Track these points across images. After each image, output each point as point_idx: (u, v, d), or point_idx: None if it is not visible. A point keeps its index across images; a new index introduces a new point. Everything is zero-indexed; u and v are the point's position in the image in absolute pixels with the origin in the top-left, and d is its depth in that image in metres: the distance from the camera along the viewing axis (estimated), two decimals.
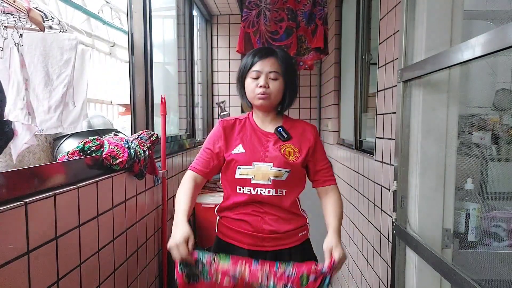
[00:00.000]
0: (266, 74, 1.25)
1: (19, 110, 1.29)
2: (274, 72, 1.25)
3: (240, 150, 1.28)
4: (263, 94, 1.24)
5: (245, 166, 1.26)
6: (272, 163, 1.25)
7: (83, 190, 1.04)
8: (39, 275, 0.85)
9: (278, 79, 1.26)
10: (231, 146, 1.30)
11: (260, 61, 1.26)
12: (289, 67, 1.28)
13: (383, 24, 1.52)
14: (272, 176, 1.24)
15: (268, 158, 1.26)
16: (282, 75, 1.26)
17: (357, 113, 2.22)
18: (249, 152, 1.27)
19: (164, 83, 2.52)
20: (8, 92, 1.28)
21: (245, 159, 1.27)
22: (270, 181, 1.24)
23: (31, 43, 1.60)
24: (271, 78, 1.25)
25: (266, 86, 1.25)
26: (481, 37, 0.75)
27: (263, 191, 1.26)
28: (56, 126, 1.67)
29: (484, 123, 1.55)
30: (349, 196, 2.21)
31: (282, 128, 1.30)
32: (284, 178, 1.25)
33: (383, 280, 1.48)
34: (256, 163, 1.25)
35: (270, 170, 1.24)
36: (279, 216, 1.28)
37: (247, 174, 1.26)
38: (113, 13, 3.28)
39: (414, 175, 1.22)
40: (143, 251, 1.58)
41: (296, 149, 1.29)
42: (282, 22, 2.79)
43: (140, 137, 1.48)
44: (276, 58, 1.27)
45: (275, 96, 1.26)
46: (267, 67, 1.25)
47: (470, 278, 0.80)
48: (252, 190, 1.26)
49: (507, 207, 1.36)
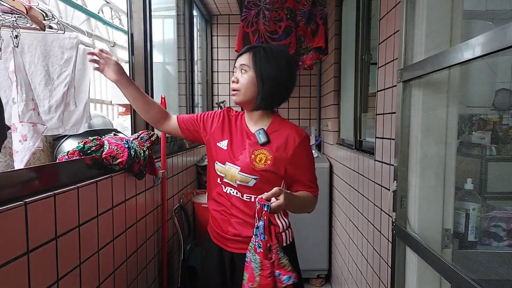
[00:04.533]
0: (239, 68, 1.24)
1: (31, 111, 1.28)
2: (243, 65, 1.22)
3: (224, 146, 1.28)
4: (233, 90, 1.24)
5: (220, 164, 1.27)
6: (240, 167, 1.23)
7: (83, 190, 1.04)
8: (39, 275, 0.85)
9: (247, 72, 1.22)
10: (220, 136, 1.30)
11: (239, 57, 1.26)
12: (263, 58, 1.20)
13: (383, 24, 1.52)
14: (238, 180, 1.23)
15: (238, 161, 1.24)
16: (252, 68, 1.21)
17: (357, 113, 2.22)
18: (228, 151, 1.27)
19: (164, 83, 2.52)
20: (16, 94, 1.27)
21: (222, 156, 1.27)
22: (236, 184, 1.24)
23: (31, 42, 1.59)
24: (241, 72, 1.23)
25: (235, 80, 1.23)
26: (481, 37, 0.75)
27: (232, 191, 1.27)
28: (57, 127, 1.67)
29: (484, 123, 1.55)
30: (349, 196, 2.21)
31: (262, 131, 1.25)
32: (251, 184, 1.23)
33: (383, 280, 1.48)
34: (228, 164, 1.25)
35: (237, 174, 1.23)
36: (245, 220, 1.26)
37: (220, 171, 1.27)
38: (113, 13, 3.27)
39: (414, 175, 1.22)
40: (143, 251, 1.58)
41: (269, 156, 1.22)
42: (281, 21, 2.79)
43: (140, 137, 1.48)
44: (251, 52, 1.23)
45: (244, 90, 1.22)
46: (240, 61, 1.24)
47: (470, 278, 0.80)
48: (223, 186, 1.28)
49: (507, 207, 1.36)
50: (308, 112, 3.53)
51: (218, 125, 1.32)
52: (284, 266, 1.07)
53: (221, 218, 1.31)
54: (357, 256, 1.99)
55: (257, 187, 1.23)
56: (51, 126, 1.65)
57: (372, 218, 1.67)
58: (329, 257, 2.89)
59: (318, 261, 2.86)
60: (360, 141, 2.16)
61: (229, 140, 1.29)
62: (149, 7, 1.76)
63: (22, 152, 1.27)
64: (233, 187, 1.26)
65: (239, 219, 1.27)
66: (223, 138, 1.30)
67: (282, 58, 1.23)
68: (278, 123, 1.29)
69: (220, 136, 1.30)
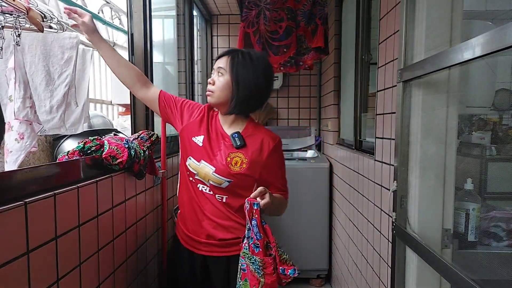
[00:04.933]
0: (216, 71, 1.25)
1: (28, 108, 1.28)
2: (220, 68, 1.23)
3: (199, 142, 1.28)
4: (208, 91, 1.25)
5: (194, 160, 1.26)
6: (215, 168, 1.23)
7: (83, 190, 1.04)
8: (39, 275, 0.85)
9: (224, 75, 1.23)
10: (196, 131, 1.29)
11: (218, 59, 1.26)
12: (241, 63, 1.21)
13: (383, 24, 1.52)
14: (212, 180, 1.23)
15: (213, 161, 1.24)
16: (228, 72, 1.22)
17: (357, 113, 2.22)
18: (203, 149, 1.26)
19: (164, 83, 2.52)
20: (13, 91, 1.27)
21: (197, 153, 1.26)
22: (209, 184, 1.24)
23: (32, 42, 1.59)
24: (218, 75, 1.24)
25: (211, 82, 1.24)
26: (481, 37, 0.75)
27: (204, 189, 1.26)
28: (58, 127, 1.67)
29: (483, 123, 1.55)
30: (349, 196, 2.21)
31: (237, 134, 1.25)
32: (223, 186, 1.24)
33: (383, 280, 1.48)
34: (203, 162, 1.25)
35: (211, 174, 1.23)
36: (218, 223, 1.26)
37: (193, 168, 1.27)
38: (113, 13, 3.28)
39: (414, 175, 1.22)
40: (143, 251, 1.58)
41: (245, 160, 1.23)
42: (281, 22, 2.79)
43: (140, 137, 1.48)
44: (229, 56, 1.24)
45: (219, 92, 1.23)
46: (218, 64, 1.25)
47: (469, 278, 0.80)
48: (196, 183, 1.28)
49: (506, 207, 1.36)
50: (308, 112, 3.53)
51: (197, 120, 1.31)
52: (286, 261, 1.08)
53: (192, 220, 1.29)
54: (357, 256, 1.99)
55: (229, 189, 1.24)
56: (53, 126, 1.66)
57: (372, 218, 1.67)
58: (329, 257, 2.89)
59: (318, 261, 2.86)
60: (360, 141, 2.16)
61: (205, 137, 1.28)
62: (149, 7, 1.76)
63: (17, 151, 1.26)
64: (205, 185, 1.26)
65: (212, 222, 1.26)
66: (199, 133, 1.29)
67: (260, 65, 1.23)
68: (253, 127, 1.31)
69: (197, 131, 1.29)
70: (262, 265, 1.05)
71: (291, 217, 2.80)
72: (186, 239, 1.33)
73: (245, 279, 1.08)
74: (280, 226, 2.79)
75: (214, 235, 1.26)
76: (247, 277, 1.08)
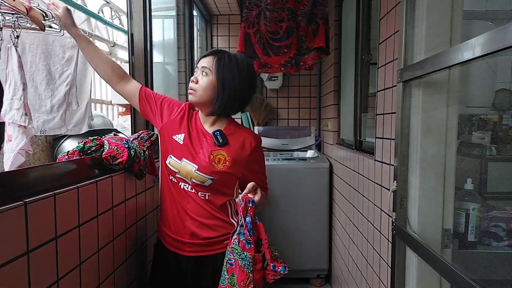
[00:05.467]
0: (200, 69, 1.24)
1: (15, 110, 1.27)
2: (205, 67, 1.23)
3: (180, 140, 1.27)
4: (190, 89, 1.24)
5: (175, 159, 1.26)
6: (197, 166, 1.22)
7: (83, 190, 1.04)
8: (39, 275, 0.85)
9: (208, 76, 1.22)
10: (176, 130, 1.29)
11: (202, 58, 1.26)
12: (227, 66, 1.22)
13: (383, 24, 1.52)
14: (194, 179, 1.23)
15: (196, 159, 1.23)
16: (214, 72, 1.22)
17: (357, 113, 2.22)
18: (184, 147, 1.26)
19: (164, 83, 2.52)
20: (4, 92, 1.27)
21: (178, 151, 1.26)
22: (191, 182, 1.24)
23: (33, 42, 1.59)
24: (202, 74, 1.24)
25: (194, 80, 1.24)
26: (481, 37, 0.75)
27: (186, 187, 1.26)
28: (59, 127, 1.67)
29: (484, 123, 1.55)
30: (349, 196, 2.21)
31: (219, 132, 1.25)
32: (206, 184, 1.23)
33: (383, 280, 1.48)
34: (185, 160, 1.24)
35: (193, 172, 1.22)
36: (201, 221, 1.25)
37: (174, 166, 1.26)
38: (113, 13, 3.28)
39: (414, 175, 1.22)
40: (143, 251, 1.58)
41: (228, 158, 1.23)
42: (282, 22, 2.79)
43: (140, 137, 1.48)
44: (214, 56, 1.24)
45: (201, 92, 1.23)
46: (202, 63, 1.24)
47: (469, 278, 0.80)
48: (177, 182, 1.27)
49: (506, 207, 1.36)
50: (308, 112, 3.53)
51: (177, 118, 1.31)
52: (277, 259, 1.10)
53: (175, 221, 1.29)
54: (357, 256, 1.99)
55: (212, 187, 1.24)
56: (54, 125, 1.65)
57: (372, 218, 1.67)
58: (329, 257, 2.89)
59: (318, 261, 2.86)
60: (360, 141, 2.17)
61: (186, 135, 1.28)
62: (149, 7, 1.76)
63: (8, 153, 1.27)
64: (187, 183, 1.25)
65: (195, 221, 1.25)
66: (180, 131, 1.29)
67: (245, 69, 1.25)
68: (234, 126, 1.32)
69: (177, 129, 1.29)
70: (252, 261, 1.06)
71: (291, 217, 2.80)
72: (169, 241, 1.32)
73: (232, 274, 1.09)
74: (280, 226, 2.79)
75: (198, 234, 1.25)
76: (235, 271, 1.08)
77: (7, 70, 1.25)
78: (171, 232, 1.31)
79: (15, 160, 1.27)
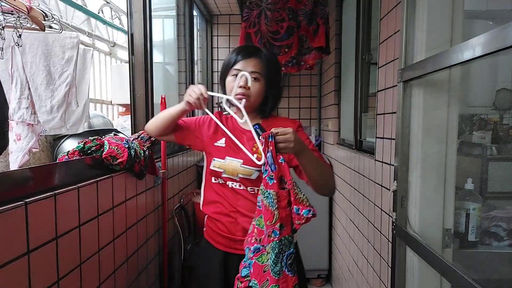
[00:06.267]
0: (249, 75, 1.20)
1: (24, 109, 1.28)
2: (255, 72, 1.21)
3: (222, 143, 1.28)
4: (242, 94, 1.21)
5: (219, 159, 1.26)
6: (242, 160, 1.22)
7: (83, 190, 1.04)
8: (39, 275, 0.85)
9: (259, 81, 1.22)
10: (217, 137, 1.30)
11: (243, 60, 1.22)
12: (273, 69, 1.24)
13: (383, 24, 1.52)
14: (241, 173, 1.22)
15: (239, 154, 1.23)
16: (264, 77, 1.22)
17: (357, 113, 2.22)
18: (227, 147, 1.26)
19: (164, 83, 2.52)
20: (11, 92, 1.27)
21: (221, 153, 1.26)
22: (238, 178, 1.23)
23: (33, 42, 1.60)
24: (252, 80, 1.21)
25: (245, 86, 1.21)
26: (481, 37, 0.74)
27: (234, 185, 1.25)
28: (59, 126, 1.67)
29: (484, 123, 1.55)
30: (349, 196, 2.21)
31: (258, 125, 1.23)
32: (254, 177, 1.22)
33: (383, 280, 1.48)
34: (229, 158, 1.24)
35: (239, 167, 1.22)
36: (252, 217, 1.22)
37: (219, 167, 1.25)
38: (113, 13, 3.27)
39: (414, 175, 1.22)
40: (143, 251, 1.58)
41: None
42: (283, 22, 2.79)
43: (140, 137, 1.48)
44: (259, 59, 1.23)
45: (255, 98, 1.23)
46: (249, 67, 1.21)
47: (470, 278, 0.80)
48: (224, 182, 1.26)
49: (507, 207, 1.36)
50: (308, 112, 3.53)
51: (212, 130, 1.33)
52: (302, 201, 1.03)
53: (227, 221, 1.28)
54: (357, 256, 1.99)
55: (260, 180, 1.20)
56: (54, 125, 1.66)
57: (373, 218, 1.67)
58: (330, 257, 2.88)
59: (319, 261, 2.86)
60: (361, 141, 2.16)
61: (226, 138, 1.28)
62: (149, 7, 1.76)
63: (16, 152, 1.27)
64: (235, 181, 1.25)
65: (247, 217, 1.25)
66: (220, 138, 1.30)
67: (280, 67, 1.31)
68: (270, 119, 1.32)
69: (217, 138, 1.31)
70: (276, 198, 1.01)
71: None
72: (221, 240, 1.30)
73: (260, 216, 1.06)
74: None
75: None
76: (262, 213, 1.05)
77: (12, 70, 1.26)
78: (223, 232, 1.30)
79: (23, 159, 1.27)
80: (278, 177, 1.03)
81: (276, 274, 1.02)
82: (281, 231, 1.03)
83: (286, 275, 1.03)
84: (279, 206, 1.02)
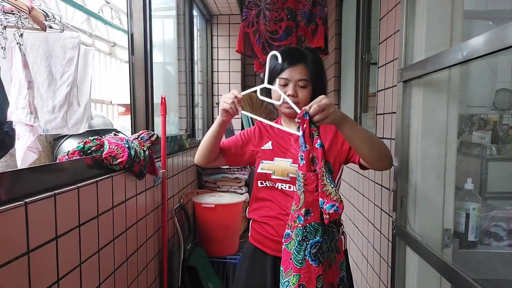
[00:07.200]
0: (295, 82, 1.20)
1: (20, 109, 1.28)
2: (303, 80, 1.20)
3: (269, 146, 1.30)
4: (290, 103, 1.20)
5: (267, 161, 1.27)
6: (291, 159, 1.23)
7: (83, 190, 1.04)
8: (39, 275, 0.85)
9: (307, 87, 1.21)
10: (262, 143, 1.32)
11: (290, 68, 1.21)
12: (318, 71, 1.24)
13: (383, 24, 1.52)
14: (291, 173, 1.21)
15: (288, 154, 1.24)
16: (311, 82, 1.22)
17: (357, 113, 2.22)
18: (275, 148, 1.28)
19: (164, 83, 2.52)
20: (10, 92, 1.27)
21: (270, 154, 1.27)
22: (289, 177, 1.22)
23: (34, 43, 1.60)
24: (300, 86, 1.20)
25: (294, 95, 1.20)
26: (481, 37, 0.75)
27: (284, 186, 1.24)
28: (61, 126, 1.67)
29: (484, 123, 1.55)
30: (349, 196, 2.21)
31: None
32: None
33: (383, 280, 1.48)
34: (277, 159, 1.25)
35: (289, 166, 1.22)
36: None
37: (268, 168, 1.26)
38: (113, 13, 3.28)
39: (414, 175, 1.22)
40: (143, 251, 1.58)
41: None
42: (281, 22, 2.79)
43: (140, 137, 1.48)
44: (305, 65, 1.21)
45: (303, 104, 1.19)
46: (296, 74, 1.20)
47: (470, 278, 0.80)
48: (273, 184, 1.25)
49: (507, 207, 1.36)
50: None
51: (258, 135, 1.35)
52: (329, 194, 0.94)
53: (277, 223, 1.25)
54: (357, 255, 1.99)
55: None
56: (55, 125, 1.66)
57: (372, 218, 1.67)
58: None
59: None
60: None
61: (272, 141, 1.30)
62: (149, 7, 1.76)
63: (18, 151, 1.27)
64: (286, 182, 1.23)
65: None
66: (266, 141, 1.32)
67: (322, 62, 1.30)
68: None
69: (264, 141, 1.32)
70: (304, 180, 0.96)
71: None
72: (270, 244, 1.28)
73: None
74: None
75: None
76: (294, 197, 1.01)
77: (11, 70, 1.26)
78: (272, 235, 1.27)
79: (26, 157, 1.27)
80: (308, 158, 0.96)
81: (298, 263, 0.96)
82: (306, 217, 0.95)
83: (309, 265, 0.95)
84: (306, 190, 0.95)
